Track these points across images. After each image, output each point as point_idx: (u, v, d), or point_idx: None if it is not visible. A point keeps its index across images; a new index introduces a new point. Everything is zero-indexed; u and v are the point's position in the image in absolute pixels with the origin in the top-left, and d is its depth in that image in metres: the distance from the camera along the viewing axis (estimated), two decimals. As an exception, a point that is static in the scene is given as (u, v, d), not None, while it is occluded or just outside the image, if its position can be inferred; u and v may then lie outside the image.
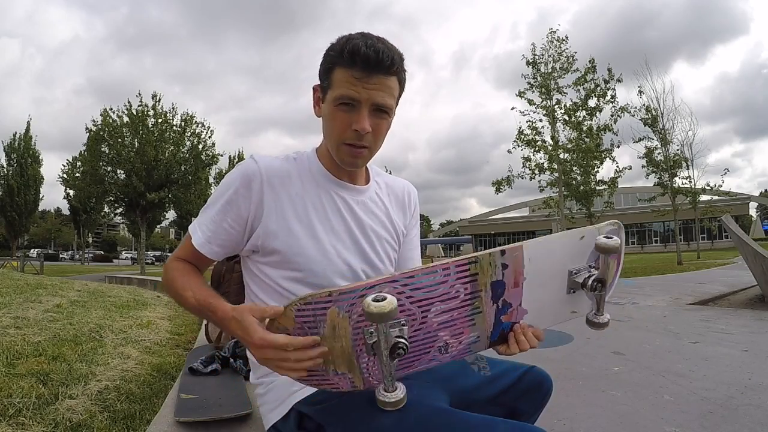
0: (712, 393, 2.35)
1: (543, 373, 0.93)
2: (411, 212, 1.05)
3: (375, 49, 0.77)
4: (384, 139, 0.88)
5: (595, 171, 14.08)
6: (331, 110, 0.83)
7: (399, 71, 0.82)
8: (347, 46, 0.78)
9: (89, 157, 17.54)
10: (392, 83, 0.81)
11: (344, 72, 0.79)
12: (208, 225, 0.87)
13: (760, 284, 5.80)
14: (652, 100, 15.74)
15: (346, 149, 0.84)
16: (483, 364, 0.94)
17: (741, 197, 35.74)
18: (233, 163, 35.88)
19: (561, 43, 13.70)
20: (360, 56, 0.77)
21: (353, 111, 0.80)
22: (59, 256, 51.67)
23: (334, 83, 0.81)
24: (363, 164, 0.90)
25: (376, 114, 0.82)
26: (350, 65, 0.78)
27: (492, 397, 0.89)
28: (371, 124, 0.81)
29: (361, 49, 0.77)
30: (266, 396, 0.87)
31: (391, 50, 0.80)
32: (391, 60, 0.79)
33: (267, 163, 0.86)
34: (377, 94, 0.79)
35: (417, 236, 1.09)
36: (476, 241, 49.02)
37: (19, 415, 1.73)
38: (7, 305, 3.93)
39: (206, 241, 0.87)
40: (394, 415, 0.72)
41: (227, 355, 2.03)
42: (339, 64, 0.80)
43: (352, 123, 0.80)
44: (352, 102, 0.79)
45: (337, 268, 0.86)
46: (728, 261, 15.06)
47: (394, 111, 0.86)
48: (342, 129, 0.82)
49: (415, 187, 1.09)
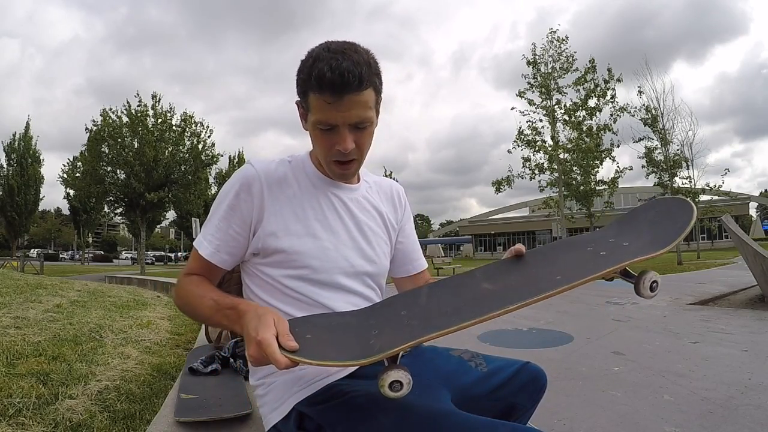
0: (712, 393, 2.35)
1: (538, 368, 0.95)
2: (402, 207, 1.08)
3: (340, 72, 0.76)
4: (370, 145, 0.90)
5: (595, 171, 14.08)
6: (313, 131, 0.85)
7: (370, 83, 0.81)
8: (313, 71, 0.78)
9: (89, 157, 17.54)
10: (366, 97, 0.81)
11: (316, 98, 0.80)
12: (214, 234, 0.87)
13: (760, 284, 5.80)
14: (652, 100, 15.74)
15: (335, 165, 0.88)
16: (480, 361, 0.95)
17: (741, 197, 35.70)
18: (233, 163, 35.92)
19: (561, 43, 13.70)
20: (326, 82, 0.77)
21: (333, 133, 0.82)
22: (59, 256, 51.67)
23: (311, 108, 0.82)
24: (354, 174, 0.94)
25: (356, 130, 0.83)
26: (319, 91, 0.78)
27: (490, 392, 0.90)
28: (354, 140, 0.83)
29: (326, 75, 0.76)
30: (266, 397, 0.88)
31: (358, 65, 0.78)
32: (359, 77, 0.77)
33: (264, 167, 0.89)
34: (351, 115, 0.80)
35: (412, 228, 1.12)
36: (476, 241, 49.00)
37: (19, 415, 1.73)
38: (7, 305, 3.93)
39: (215, 251, 0.87)
40: (395, 415, 0.72)
41: (227, 355, 2.03)
42: (310, 89, 0.80)
43: (335, 144, 0.83)
44: (330, 126, 0.82)
45: (336, 264, 0.89)
46: (728, 261, 15.05)
47: (376, 117, 0.87)
48: (327, 149, 0.85)
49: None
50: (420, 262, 1.11)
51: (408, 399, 0.75)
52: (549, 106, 13.47)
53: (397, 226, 1.05)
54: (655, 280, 0.75)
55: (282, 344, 0.64)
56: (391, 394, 0.63)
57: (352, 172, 0.91)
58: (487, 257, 44.15)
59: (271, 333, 0.65)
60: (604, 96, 13.21)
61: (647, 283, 0.74)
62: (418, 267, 1.10)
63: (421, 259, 1.12)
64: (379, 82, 0.84)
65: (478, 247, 48.43)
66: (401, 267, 1.09)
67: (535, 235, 44.96)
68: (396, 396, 0.63)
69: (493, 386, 0.90)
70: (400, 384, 0.63)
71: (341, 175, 0.90)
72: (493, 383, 0.91)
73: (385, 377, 0.63)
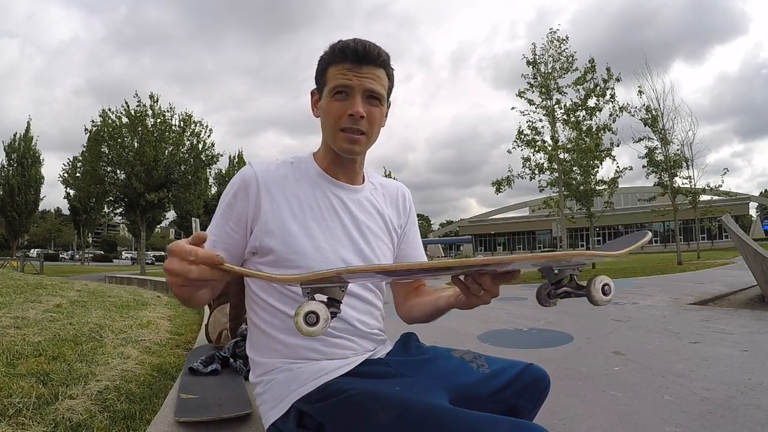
0: (712, 393, 2.35)
1: (541, 370, 0.94)
2: (406, 212, 1.08)
3: (363, 44, 0.86)
4: (379, 130, 0.93)
5: (595, 171, 14.07)
6: (327, 102, 0.89)
7: (386, 65, 0.90)
8: (338, 45, 0.88)
9: (89, 157, 17.55)
10: (381, 74, 0.89)
11: (337, 67, 0.87)
12: (212, 230, 0.89)
13: (760, 284, 5.80)
14: (652, 100, 15.74)
15: (343, 136, 0.89)
16: (481, 362, 0.95)
17: (741, 197, 35.72)
18: (233, 163, 35.90)
19: (561, 43, 13.68)
20: (350, 49, 0.86)
21: (347, 99, 0.87)
22: (59, 256, 51.67)
23: (329, 79, 0.88)
24: (361, 151, 0.93)
25: (369, 101, 0.88)
26: (342, 59, 0.87)
27: (491, 394, 0.89)
28: (365, 110, 0.87)
29: (350, 45, 0.86)
30: (265, 395, 0.88)
31: (378, 47, 0.88)
32: (378, 52, 0.87)
33: (263, 168, 0.91)
34: (368, 81, 0.87)
35: (416, 235, 1.10)
36: (476, 241, 49.01)
37: (19, 415, 1.73)
38: (7, 305, 3.93)
39: (212, 246, 0.87)
40: (394, 412, 0.72)
41: (227, 355, 2.03)
42: (331, 62, 0.88)
43: (347, 109, 0.87)
44: (346, 89, 0.87)
45: (333, 265, 0.88)
46: (728, 261, 15.05)
47: (387, 105, 0.93)
48: (338, 116, 0.88)
49: (414, 186, 1.11)
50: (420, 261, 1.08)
51: (406, 396, 0.76)
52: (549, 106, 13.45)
53: (399, 231, 1.05)
54: (606, 282, 0.71)
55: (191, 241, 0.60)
56: (304, 327, 0.58)
57: (360, 148, 0.91)
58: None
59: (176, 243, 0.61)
60: (603, 96, 13.20)
61: (598, 285, 0.71)
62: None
63: (422, 258, 1.09)
64: (392, 74, 0.93)
65: (478, 247, 48.42)
66: None
67: (535, 235, 44.99)
68: (310, 331, 0.58)
69: (495, 388, 0.90)
70: (316, 316, 0.58)
71: (349, 149, 0.90)
72: (495, 385, 0.90)
73: (301, 308, 0.59)
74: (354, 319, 0.91)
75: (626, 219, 38.72)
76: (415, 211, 1.14)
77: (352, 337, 0.90)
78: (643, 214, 30.53)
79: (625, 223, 39.86)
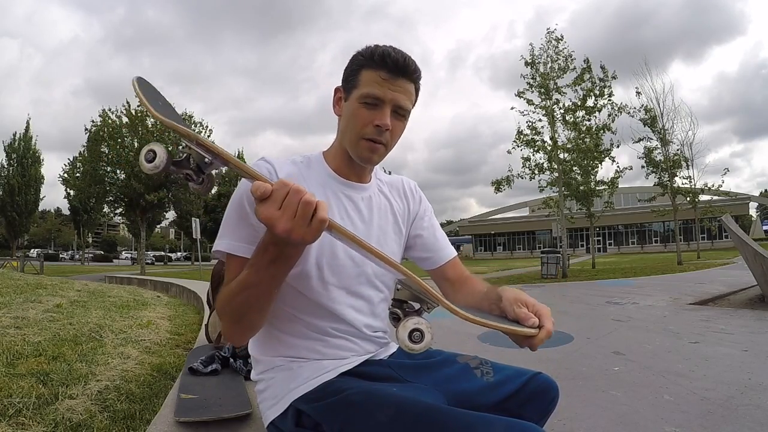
0: (712, 393, 2.35)
1: (549, 380, 0.93)
2: (416, 200, 1.07)
3: (402, 56, 0.86)
4: (397, 142, 0.92)
5: (594, 171, 14.06)
6: (354, 107, 0.87)
7: (418, 79, 0.89)
8: (377, 50, 0.86)
9: (89, 158, 17.56)
10: (412, 89, 0.88)
11: (372, 73, 0.85)
12: (233, 230, 0.83)
13: (760, 284, 5.80)
14: (651, 100, 15.75)
15: (365, 144, 0.88)
16: (487, 369, 0.94)
17: (741, 197, 35.68)
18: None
19: (558, 42, 13.66)
20: (390, 59, 0.84)
21: (376, 109, 0.86)
22: (59, 256, 51.65)
23: (361, 83, 0.86)
24: (378, 160, 0.92)
25: (395, 115, 0.87)
26: (379, 67, 0.85)
27: (496, 403, 0.88)
28: (391, 123, 0.86)
29: (390, 54, 0.85)
30: (265, 393, 0.88)
31: (414, 62, 0.88)
32: (414, 68, 0.87)
33: (279, 164, 0.89)
34: (400, 97, 0.86)
35: (433, 222, 1.08)
36: (476, 241, 49.00)
37: (19, 415, 1.73)
38: (7, 305, 3.93)
39: (238, 244, 0.82)
40: (391, 412, 0.72)
41: (227, 355, 2.03)
42: (367, 66, 0.86)
43: (375, 119, 0.85)
44: (377, 101, 0.85)
45: (342, 263, 0.88)
46: (728, 261, 15.06)
47: (408, 118, 0.91)
48: (363, 124, 0.86)
49: None
50: (445, 251, 1.04)
51: (403, 396, 0.76)
52: (548, 106, 13.44)
53: (409, 219, 1.04)
54: (418, 328, 0.60)
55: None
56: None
57: (378, 157, 0.90)
58: (487, 257, 44.14)
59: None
60: (601, 95, 13.19)
61: (409, 326, 0.60)
62: (444, 257, 1.03)
63: (447, 249, 1.05)
64: (418, 95, 0.92)
65: (478, 247, 48.42)
66: (425, 259, 1.04)
67: (535, 235, 44.96)
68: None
69: (500, 398, 0.89)
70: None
71: (368, 158, 0.89)
72: (500, 394, 0.89)
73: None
74: (360, 324, 0.91)
75: (626, 219, 38.72)
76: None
77: (354, 338, 0.90)
78: (643, 214, 30.53)
79: (625, 223, 39.87)
